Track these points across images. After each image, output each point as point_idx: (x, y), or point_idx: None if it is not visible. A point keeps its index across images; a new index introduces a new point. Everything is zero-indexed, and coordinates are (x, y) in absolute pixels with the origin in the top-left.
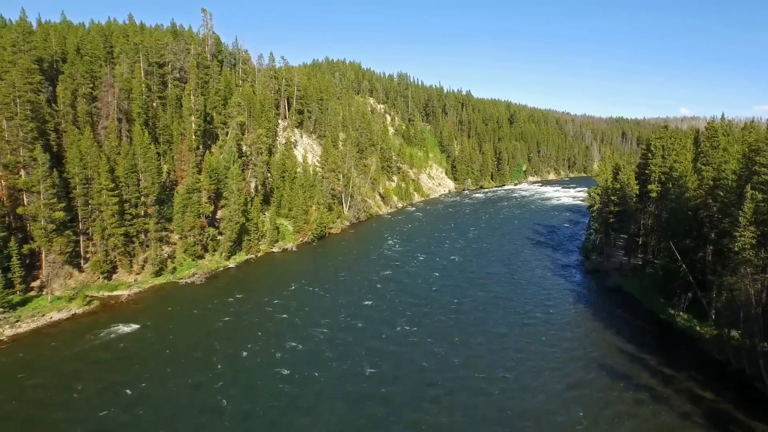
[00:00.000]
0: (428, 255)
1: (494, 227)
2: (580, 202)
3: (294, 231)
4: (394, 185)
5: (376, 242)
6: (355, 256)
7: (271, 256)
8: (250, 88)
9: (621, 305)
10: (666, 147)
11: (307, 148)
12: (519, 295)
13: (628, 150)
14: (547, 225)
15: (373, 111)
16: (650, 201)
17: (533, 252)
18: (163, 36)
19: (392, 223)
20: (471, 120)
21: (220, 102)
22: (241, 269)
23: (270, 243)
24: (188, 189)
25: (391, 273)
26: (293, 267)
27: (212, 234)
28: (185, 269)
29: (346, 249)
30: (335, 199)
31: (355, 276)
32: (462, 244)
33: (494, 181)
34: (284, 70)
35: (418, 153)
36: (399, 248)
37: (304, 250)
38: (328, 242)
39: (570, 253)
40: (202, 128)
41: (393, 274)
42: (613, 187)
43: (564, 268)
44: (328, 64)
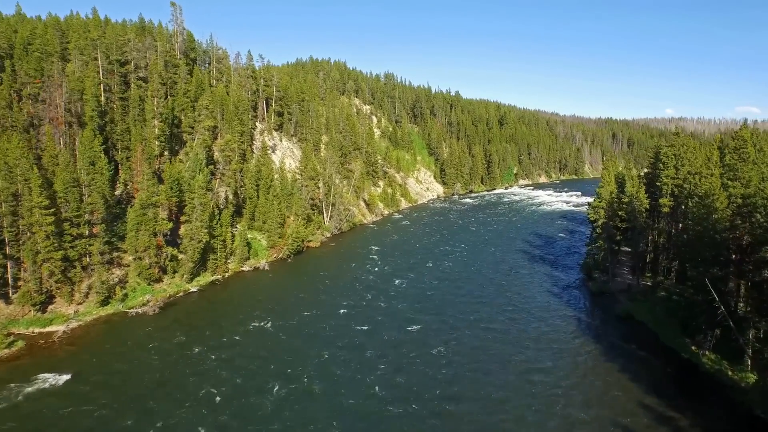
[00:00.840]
0: (412, 278)
1: (485, 239)
2: (573, 207)
3: (268, 246)
4: (380, 191)
5: (357, 259)
6: (330, 278)
7: (240, 276)
8: (223, 88)
9: (634, 339)
10: (679, 156)
11: (286, 152)
12: (517, 333)
13: (620, 152)
14: (542, 235)
15: (358, 112)
16: (661, 216)
17: (530, 270)
18: (125, 31)
19: (376, 234)
20: (460, 121)
21: (189, 104)
22: (204, 294)
23: (240, 261)
24: (142, 204)
25: (368, 304)
26: (261, 292)
27: (171, 254)
28: (138, 296)
29: (323, 268)
30: (315, 208)
31: (326, 308)
32: (451, 262)
33: (484, 185)
34: (263, 69)
35: (406, 156)
36: (380, 267)
37: (278, 269)
38: (306, 258)
39: (570, 270)
40: (168, 133)
41: (371, 307)
42: (619, 201)
43: (565, 290)
44: (312, 63)
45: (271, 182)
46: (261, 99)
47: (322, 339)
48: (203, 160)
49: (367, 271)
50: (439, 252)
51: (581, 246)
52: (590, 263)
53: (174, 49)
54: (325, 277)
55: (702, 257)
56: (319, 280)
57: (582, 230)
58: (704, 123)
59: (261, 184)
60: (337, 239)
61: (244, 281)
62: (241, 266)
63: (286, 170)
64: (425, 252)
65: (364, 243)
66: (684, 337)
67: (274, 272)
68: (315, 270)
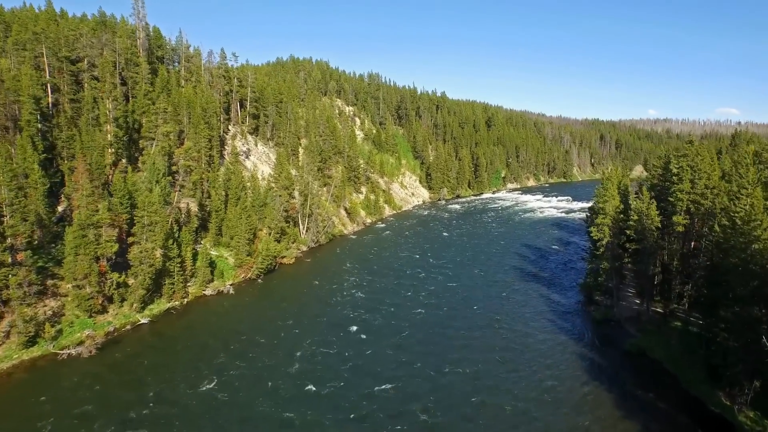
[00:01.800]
0: (390, 309)
1: (473, 254)
2: (564, 214)
3: (235, 265)
4: (362, 197)
5: (331, 281)
6: (298, 307)
7: (202, 301)
8: (191, 89)
9: (650, 384)
10: (696, 169)
11: (261, 157)
12: (513, 378)
13: (608, 153)
14: (534, 248)
15: (341, 113)
16: (674, 235)
17: (524, 294)
18: (83, 26)
19: (356, 247)
20: (446, 123)
21: (150, 107)
22: (156, 326)
23: (202, 284)
24: (81, 223)
25: (336, 348)
26: (218, 324)
27: (117, 281)
28: (75, 331)
29: (294, 291)
30: (290, 220)
31: (291, 347)
32: (435, 284)
33: (472, 189)
34: (238, 69)
35: (390, 160)
36: (356, 293)
37: (243, 293)
38: (276, 278)
39: (568, 292)
40: (126, 139)
41: (338, 354)
42: (626, 217)
43: (564, 316)
44: (292, 62)
45: (242, 192)
46: (234, 100)
47: (282, 396)
48: (162, 170)
49: (340, 297)
50: (422, 271)
51: (577, 260)
52: (590, 283)
53: (136, 45)
54: (292, 305)
55: (739, 294)
56: (284, 310)
57: (576, 241)
58: (689, 124)
59: (230, 194)
60: (314, 254)
61: (204, 309)
62: (203, 290)
63: (260, 177)
64: (407, 272)
65: (342, 259)
66: (711, 383)
67: (239, 297)
68: (283, 295)
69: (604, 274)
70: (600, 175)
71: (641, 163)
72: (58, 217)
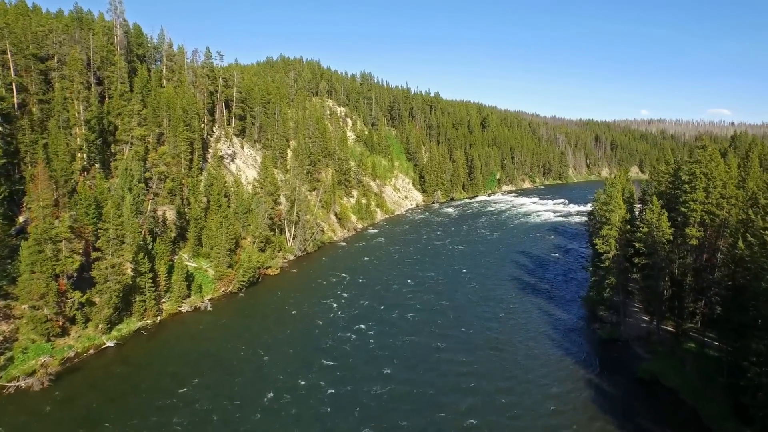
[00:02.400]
0: (378, 327)
1: (468, 264)
2: (562, 218)
3: (215, 278)
4: (353, 201)
5: (317, 294)
6: (280, 325)
7: (177, 319)
8: (172, 89)
9: (666, 417)
10: (710, 176)
11: (248, 160)
12: (514, 413)
13: (603, 154)
14: (532, 256)
15: (332, 114)
16: (687, 249)
17: (523, 310)
18: (50, 21)
19: (345, 256)
20: (440, 124)
21: (125, 107)
22: (122, 350)
23: (177, 300)
24: (37, 238)
25: (318, 377)
26: (192, 347)
27: (79, 300)
28: (30, 358)
29: (275, 308)
30: (276, 227)
31: (266, 377)
32: (428, 299)
33: (466, 192)
34: (223, 68)
35: (382, 162)
36: (342, 308)
37: (222, 309)
38: (259, 292)
39: (570, 305)
40: (100, 142)
41: (321, 385)
42: (633, 228)
43: (568, 336)
44: (283, 61)
45: (225, 198)
46: (220, 101)
47: None
48: (137, 176)
49: (323, 317)
50: (412, 286)
51: (577, 269)
52: (594, 297)
53: (113, 43)
54: (271, 325)
55: None
56: (263, 331)
57: (575, 247)
58: (682, 125)
59: (212, 201)
60: (301, 263)
61: (178, 328)
62: (178, 306)
63: (245, 182)
64: (398, 284)
65: (328, 270)
66: (739, 421)
67: (217, 314)
68: (263, 313)
69: (610, 289)
70: (596, 176)
71: (636, 164)
72: (18, 229)
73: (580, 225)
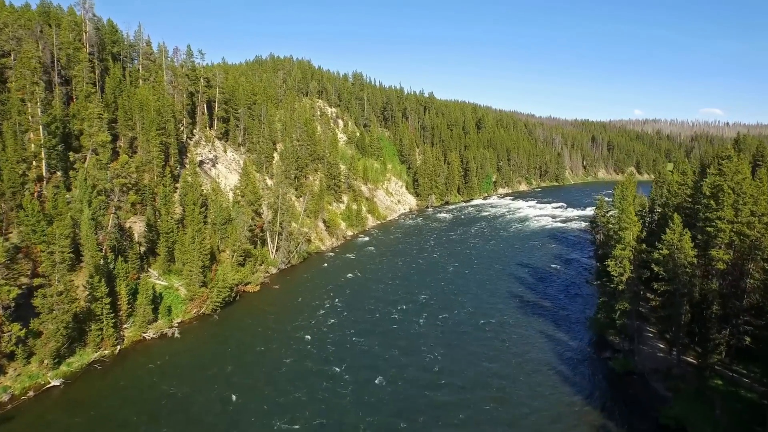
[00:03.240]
0: (362, 361)
1: (462, 278)
2: (561, 224)
3: (187, 298)
4: (343, 207)
5: (298, 315)
6: (253, 356)
7: (140, 348)
8: (148, 89)
9: None
10: (738, 191)
11: (231, 165)
12: None
13: (600, 155)
14: (531, 267)
15: (322, 115)
16: (712, 273)
17: (524, 335)
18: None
19: (332, 269)
20: (435, 125)
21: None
22: (69, 391)
23: (142, 325)
24: None
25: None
26: (151, 384)
27: (17, 334)
28: None
29: (252, 333)
30: (258, 239)
31: (236, 424)
32: (417, 325)
33: (461, 195)
34: (204, 68)
35: (375, 164)
36: (324, 333)
37: (193, 335)
38: (236, 313)
39: (575, 328)
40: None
41: None
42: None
43: (575, 367)
44: (272, 60)
45: (203, 208)
46: (201, 102)
47: None
48: (98, 186)
49: (302, 344)
50: (402, 305)
51: (581, 283)
52: (602, 320)
53: (81, 40)
54: (244, 355)
55: None
56: (235, 363)
57: (577, 257)
58: (677, 125)
59: (186, 211)
60: (284, 278)
61: (139, 359)
62: (143, 332)
63: (227, 189)
64: (384, 307)
65: (314, 285)
66: None
67: (186, 341)
68: (238, 339)
69: (624, 316)
70: (592, 177)
71: (633, 165)
72: None
73: (581, 231)
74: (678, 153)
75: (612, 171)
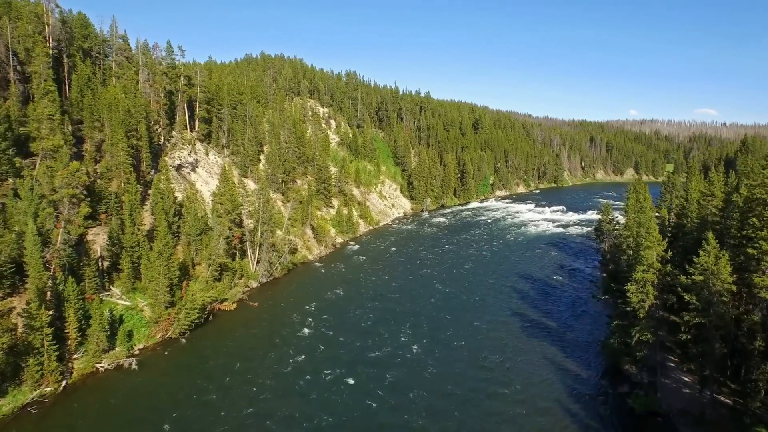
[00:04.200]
0: (342, 403)
1: (459, 293)
2: (561, 229)
3: (153, 320)
4: (333, 212)
5: (278, 339)
6: (220, 391)
7: (90, 383)
8: (119, 88)
9: None
10: None
11: (213, 169)
12: None
13: (599, 157)
14: (532, 280)
15: (314, 115)
16: (757, 303)
17: (527, 363)
18: None
19: (317, 282)
20: (431, 126)
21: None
22: None
23: (95, 354)
24: None
25: None
26: None
27: None
28: None
29: (224, 360)
30: (237, 250)
31: None
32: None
33: (458, 198)
34: (186, 65)
35: (368, 167)
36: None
37: (154, 365)
38: (207, 335)
39: (585, 354)
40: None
41: None
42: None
43: (589, 405)
44: (263, 59)
45: (176, 217)
46: (181, 101)
47: None
48: (49, 196)
49: (280, 372)
50: (391, 327)
51: (587, 297)
52: (616, 346)
53: (42, 33)
54: (210, 390)
55: None
56: (198, 401)
57: (580, 266)
58: (674, 125)
59: (157, 220)
60: (266, 292)
61: (87, 398)
62: (96, 363)
63: (207, 195)
64: (374, 322)
65: (296, 303)
66: None
67: (145, 372)
68: (205, 371)
69: (645, 347)
70: (591, 179)
71: (632, 166)
72: None
73: (582, 237)
74: (677, 154)
75: (611, 172)
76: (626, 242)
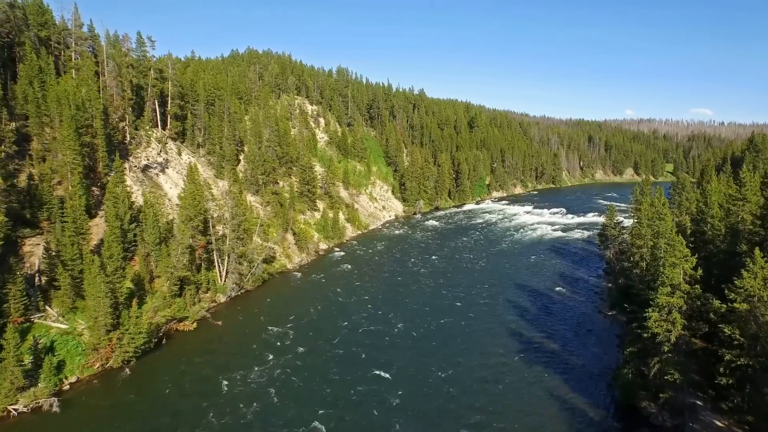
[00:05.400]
0: None
1: (452, 311)
2: (561, 233)
3: (91, 346)
4: (318, 216)
5: (240, 369)
6: None
7: (2, 427)
8: (69, 80)
9: None
10: None
11: (185, 171)
12: None
13: (597, 156)
14: (531, 292)
15: (301, 113)
16: None
17: (530, 395)
18: None
19: (294, 296)
20: (424, 124)
21: None
22: None
23: (9, 393)
24: None
25: None
26: None
27: None
28: None
29: (172, 397)
30: (201, 261)
31: None
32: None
33: (452, 200)
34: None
35: (357, 167)
36: (269, 403)
37: (84, 406)
38: (157, 364)
39: (595, 384)
40: None
41: None
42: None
43: None
44: (249, 55)
45: (133, 224)
46: (150, 97)
47: None
48: None
49: (238, 408)
50: (374, 355)
51: (592, 312)
52: (630, 378)
53: None
54: None
55: None
56: None
57: (583, 276)
58: (672, 124)
59: (108, 229)
60: (234, 308)
61: None
62: (9, 404)
63: (172, 200)
64: (350, 353)
65: (267, 321)
66: None
67: (70, 415)
68: (147, 412)
69: (670, 387)
70: (590, 179)
71: (631, 165)
72: None
73: (584, 242)
74: (676, 153)
75: (610, 172)
76: (639, 253)
